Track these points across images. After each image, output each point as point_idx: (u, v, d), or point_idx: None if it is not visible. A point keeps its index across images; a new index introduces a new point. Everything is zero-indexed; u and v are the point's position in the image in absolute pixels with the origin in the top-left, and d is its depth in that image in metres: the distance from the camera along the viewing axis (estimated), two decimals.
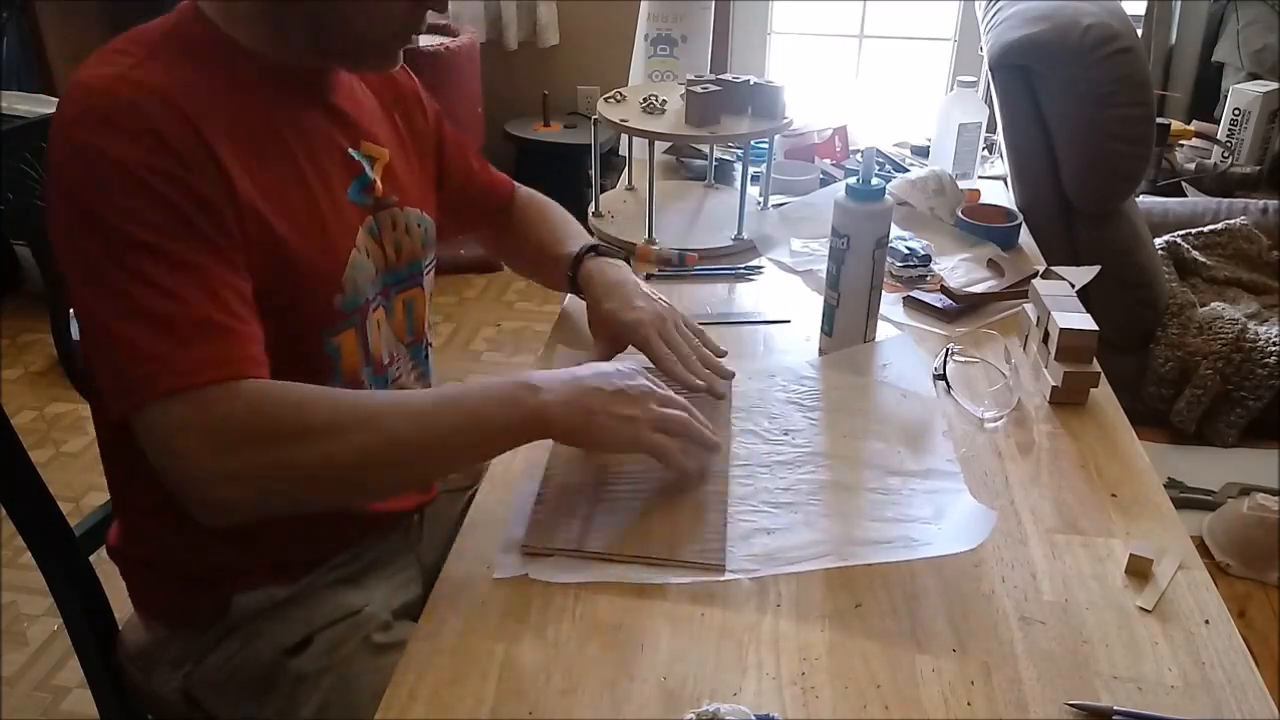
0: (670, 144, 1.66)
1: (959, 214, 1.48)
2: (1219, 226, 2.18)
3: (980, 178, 1.81)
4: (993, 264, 1.36)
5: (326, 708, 0.89)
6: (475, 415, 0.80)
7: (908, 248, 1.34)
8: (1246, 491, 1.63)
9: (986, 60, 1.86)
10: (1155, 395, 1.96)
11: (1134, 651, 0.75)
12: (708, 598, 0.79)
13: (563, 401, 0.82)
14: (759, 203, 1.56)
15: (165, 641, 0.97)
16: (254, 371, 0.75)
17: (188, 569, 0.93)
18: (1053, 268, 1.34)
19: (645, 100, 1.43)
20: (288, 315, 0.83)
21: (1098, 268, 1.35)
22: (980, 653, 0.74)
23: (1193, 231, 2.17)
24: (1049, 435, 1.01)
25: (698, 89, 1.35)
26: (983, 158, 1.84)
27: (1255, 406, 1.88)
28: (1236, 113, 2.56)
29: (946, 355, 1.12)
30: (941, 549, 0.82)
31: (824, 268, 1.11)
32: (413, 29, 0.85)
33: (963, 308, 1.24)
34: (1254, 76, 2.75)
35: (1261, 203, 2.26)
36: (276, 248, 0.81)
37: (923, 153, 1.83)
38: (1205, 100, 2.96)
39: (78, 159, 0.73)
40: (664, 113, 1.41)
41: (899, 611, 0.78)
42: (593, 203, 1.54)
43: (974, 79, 1.78)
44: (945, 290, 1.26)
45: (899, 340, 1.16)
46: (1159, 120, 2.11)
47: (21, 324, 2.87)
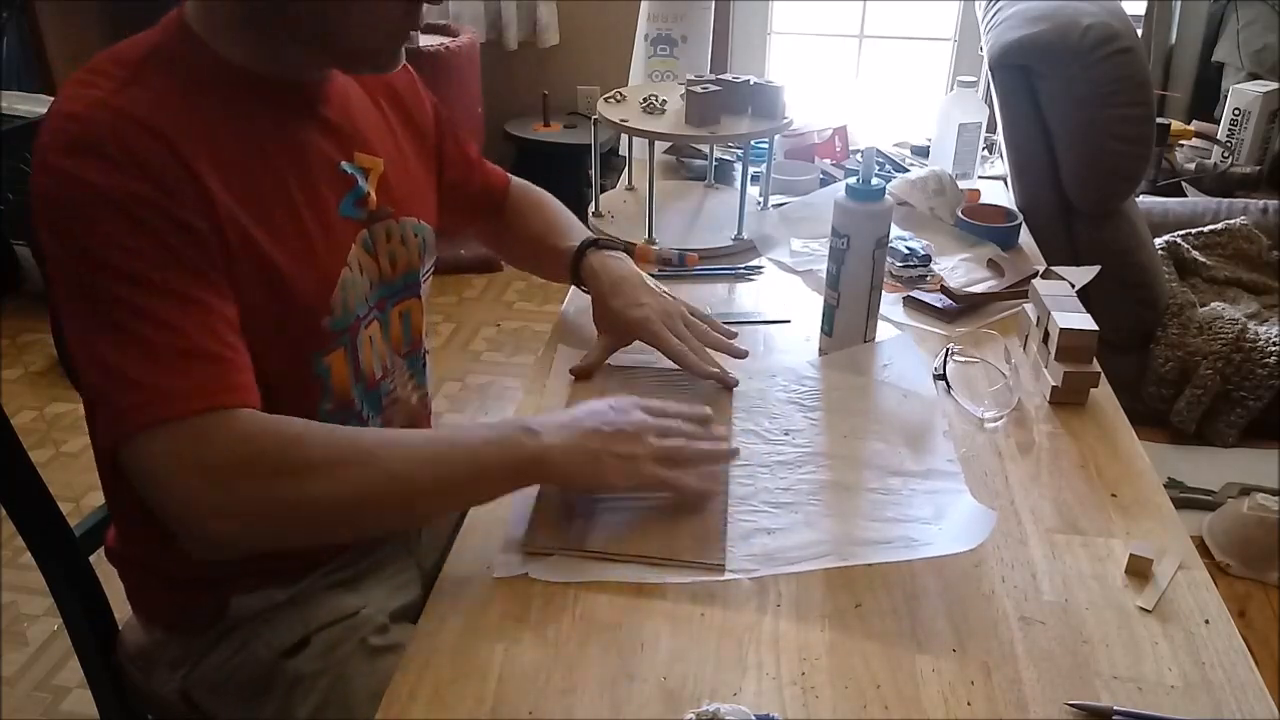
0: (670, 144, 1.66)
1: (959, 214, 1.48)
2: (1219, 226, 2.18)
3: (980, 178, 1.81)
4: (993, 264, 1.36)
5: (323, 709, 0.89)
6: (474, 457, 0.79)
7: (908, 248, 1.34)
8: (1246, 491, 1.63)
9: (986, 60, 1.86)
10: (1155, 395, 1.96)
11: (1134, 651, 0.75)
12: (708, 598, 0.79)
13: (562, 445, 0.81)
14: (759, 203, 1.56)
15: (164, 642, 0.97)
16: (247, 400, 0.73)
17: (185, 573, 0.93)
18: (1053, 268, 1.34)
19: (645, 100, 1.43)
20: (276, 337, 0.82)
21: (1098, 268, 1.35)
22: (980, 653, 0.74)
23: (1193, 231, 2.18)
24: (1049, 435, 1.01)
25: (698, 89, 1.35)
26: (983, 158, 1.84)
27: (1255, 406, 1.88)
28: (1236, 113, 2.57)
29: (946, 355, 1.12)
30: (942, 549, 0.82)
31: (824, 268, 1.11)
32: (410, 27, 0.83)
33: (963, 308, 1.24)
34: (1254, 76, 2.75)
35: (1261, 203, 2.26)
36: (265, 272, 0.80)
37: (923, 153, 1.83)
38: (1205, 100, 2.97)
39: (60, 188, 0.71)
40: (664, 113, 1.41)
41: (899, 611, 0.78)
42: (593, 203, 1.54)
43: (974, 79, 1.78)
44: (945, 290, 1.26)
45: (899, 340, 1.16)
46: (1159, 120, 2.11)
47: (21, 324, 2.87)
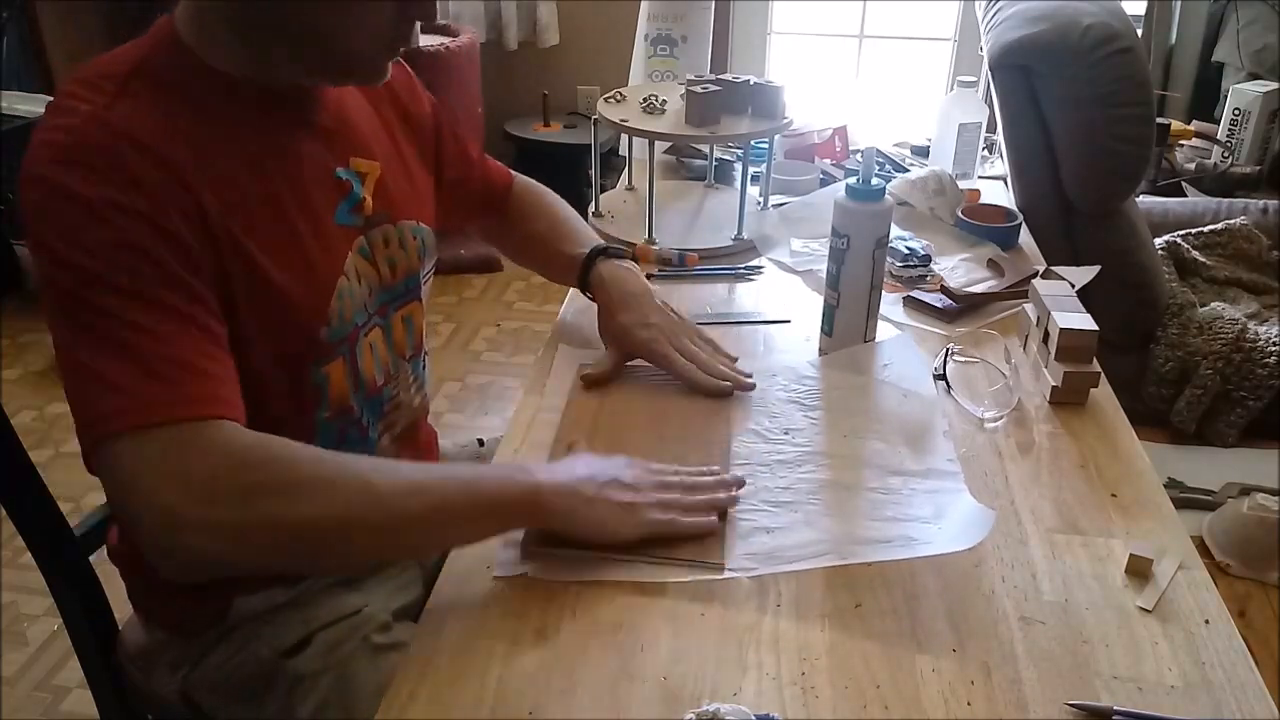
0: (670, 144, 1.66)
1: (959, 214, 1.48)
2: (1219, 226, 2.18)
3: (980, 178, 1.81)
4: (993, 264, 1.36)
5: (325, 708, 0.89)
6: (469, 489, 0.76)
7: (908, 248, 1.34)
8: (1246, 491, 1.63)
9: (986, 60, 1.86)
10: (1155, 395, 1.96)
11: (1134, 651, 0.75)
12: (708, 597, 0.79)
13: (556, 486, 0.79)
14: (759, 203, 1.56)
15: (164, 642, 0.97)
16: (231, 414, 0.71)
17: None
18: (1053, 268, 1.34)
19: (645, 100, 1.43)
20: (272, 349, 0.82)
21: (1098, 268, 1.35)
22: (980, 653, 0.74)
23: (1193, 231, 2.18)
24: (1049, 435, 1.01)
25: (698, 89, 1.35)
26: (983, 158, 1.84)
27: (1255, 406, 1.88)
28: (1236, 113, 2.56)
29: (946, 355, 1.12)
30: (941, 548, 0.82)
31: (824, 268, 1.11)
32: (401, 41, 0.82)
33: (963, 308, 1.24)
34: (1254, 76, 2.75)
35: (1261, 203, 2.26)
36: (259, 285, 0.79)
37: (923, 153, 1.83)
38: (1205, 100, 2.97)
39: (49, 200, 0.71)
40: (664, 113, 1.41)
41: (899, 611, 0.78)
42: (593, 203, 1.54)
43: (974, 79, 1.78)
44: (945, 290, 1.26)
45: (900, 340, 1.16)
46: (1159, 120, 2.11)
47: (21, 324, 2.87)
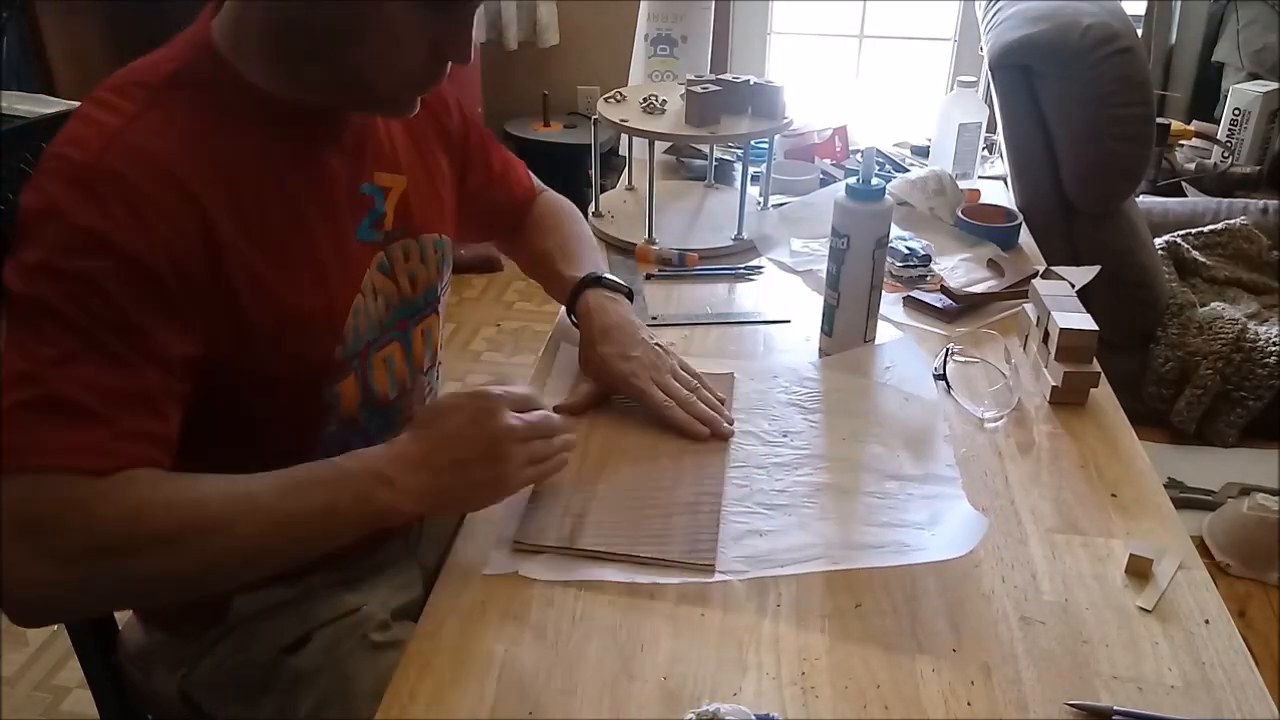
0: (670, 144, 1.66)
1: (959, 214, 1.48)
2: (1219, 226, 2.19)
3: (980, 178, 1.81)
4: (993, 264, 1.36)
5: (323, 706, 0.89)
6: (327, 515, 0.75)
7: (908, 248, 1.34)
8: (1246, 491, 1.63)
9: (986, 60, 1.86)
10: (1155, 395, 1.96)
11: (1134, 651, 0.75)
12: (708, 597, 0.79)
13: (419, 490, 0.77)
14: (759, 203, 1.56)
15: (164, 642, 0.97)
16: (87, 463, 0.67)
17: None
18: (1053, 268, 1.34)
19: (645, 100, 1.43)
20: (288, 372, 0.82)
21: (1098, 268, 1.35)
22: (980, 653, 0.74)
23: (1193, 231, 2.18)
24: (1049, 435, 1.01)
25: (698, 89, 1.35)
26: (983, 158, 1.84)
27: (1255, 406, 1.88)
28: (1236, 113, 2.56)
29: (946, 355, 1.12)
30: (933, 555, 0.82)
31: (824, 268, 1.11)
32: (432, 81, 0.81)
33: (963, 308, 1.24)
34: (1254, 76, 2.75)
35: (1261, 203, 2.27)
36: (276, 310, 0.79)
37: (923, 153, 1.83)
38: (1205, 100, 2.96)
39: (44, 216, 0.70)
40: (664, 113, 1.41)
41: (899, 611, 0.78)
42: (593, 203, 1.54)
43: (974, 79, 1.78)
44: (945, 290, 1.26)
45: (902, 342, 1.16)
46: (1159, 120, 2.11)
47: None
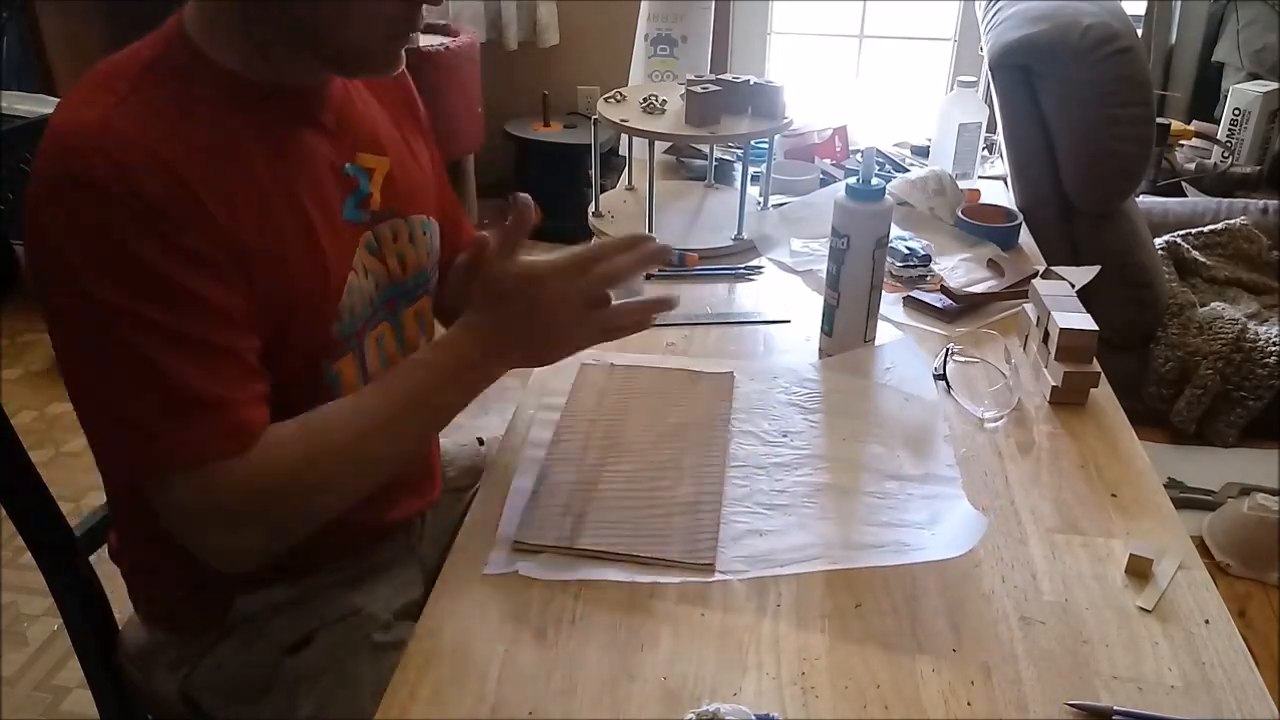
0: (670, 144, 1.66)
1: (959, 214, 1.48)
2: (1219, 226, 2.18)
3: (980, 178, 1.81)
4: (993, 264, 1.36)
5: (326, 706, 0.89)
6: (438, 410, 0.84)
7: (908, 248, 1.34)
8: (1246, 491, 1.63)
9: (986, 60, 1.86)
10: (1155, 395, 1.96)
11: (1134, 651, 0.75)
12: (708, 597, 0.79)
13: (507, 356, 0.84)
14: (759, 203, 1.56)
15: (165, 642, 0.97)
16: (243, 443, 0.75)
17: (189, 574, 0.93)
18: (1053, 268, 1.34)
19: (645, 100, 1.43)
20: (288, 350, 0.82)
21: (1098, 268, 1.35)
22: (980, 653, 0.74)
23: (1193, 231, 2.18)
24: (1049, 435, 1.01)
25: (698, 89, 1.35)
26: (983, 158, 1.84)
27: (1255, 406, 1.88)
28: (1236, 113, 2.57)
29: (946, 355, 1.12)
30: (933, 555, 0.82)
31: (824, 268, 1.11)
32: (408, 28, 0.80)
33: (963, 308, 1.24)
34: (1254, 76, 2.75)
35: (1261, 203, 2.26)
36: (276, 285, 0.79)
37: (923, 153, 1.83)
38: (1205, 100, 2.96)
39: (60, 221, 0.70)
40: (664, 113, 1.41)
41: (899, 611, 0.78)
42: (593, 203, 1.54)
43: (974, 79, 1.78)
44: (945, 290, 1.26)
45: (902, 343, 1.16)
46: (1159, 120, 2.11)
47: (21, 324, 2.87)
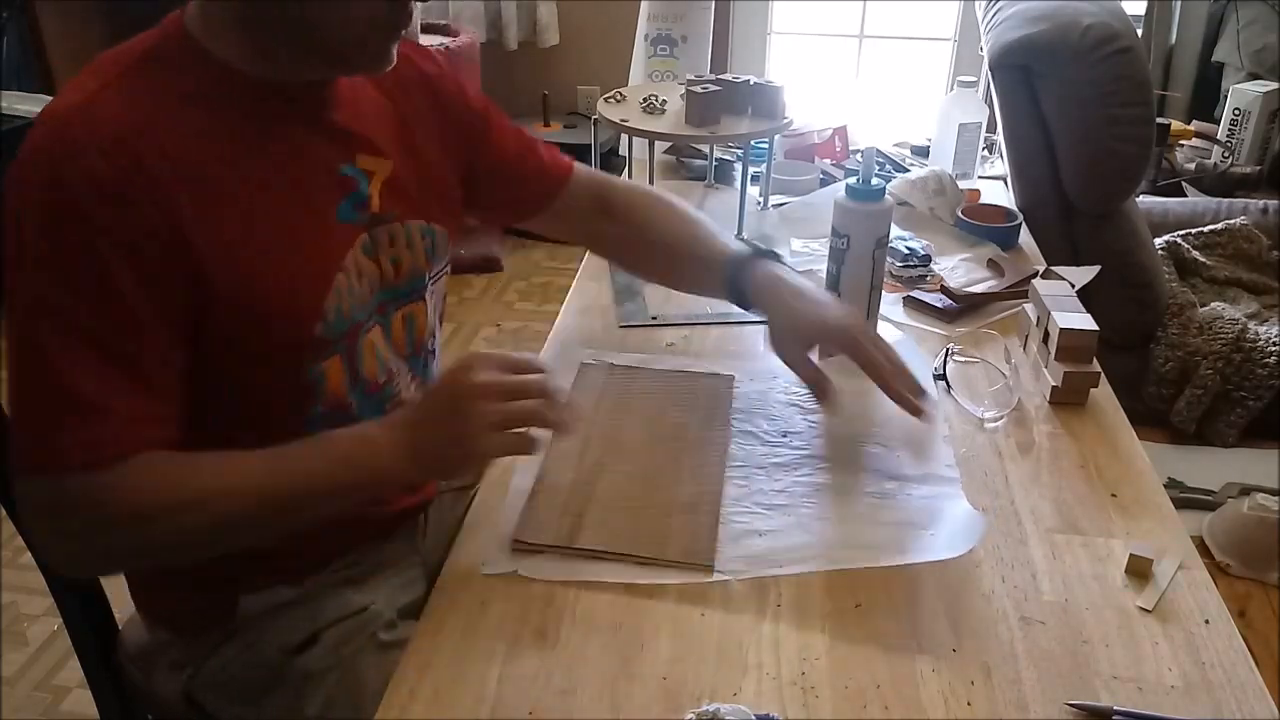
0: (670, 144, 1.66)
1: (959, 214, 1.48)
2: (1219, 226, 2.19)
3: (980, 178, 1.81)
4: (993, 264, 1.36)
5: (331, 705, 0.89)
6: (314, 475, 0.79)
7: (908, 248, 1.34)
8: (1246, 491, 1.64)
9: (986, 60, 1.86)
10: (1155, 395, 1.96)
11: (1134, 651, 0.75)
12: (708, 597, 0.79)
13: (395, 450, 0.79)
14: (759, 203, 1.56)
15: (166, 642, 0.97)
16: (94, 460, 0.73)
17: (193, 574, 0.93)
18: (1053, 268, 1.34)
19: (645, 100, 1.43)
20: (261, 346, 0.81)
21: (1098, 268, 1.35)
22: (980, 653, 0.74)
23: (1193, 231, 2.18)
24: (1049, 435, 1.01)
25: (698, 89, 1.35)
26: (983, 158, 1.84)
27: (1255, 406, 1.88)
28: (1236, 113, 2.57)
29: (946, 355, 1.12)
30: (932, 555, 0.82)
31: (824, 268, 1.11)
32: (398, 24, 0.80)
33: (963, 308, 1.24)
34: (1254, 76, 2.75)
35: (1261, 203, 2.27)
36: (242, 282, 0.78)
37: (923, 153, 1.83)
38: (1205, 100, 2.97)
39: (12, 202, 0.72)
40: (664, 113, 1.41)
41: (899, 611, 0.78)
42: None
43: (974, 79, 1.78)
44: (945, 290, 1.26)
45: (903, 344, 1.15)
46: (1159, 120, 2.11)
47: None
